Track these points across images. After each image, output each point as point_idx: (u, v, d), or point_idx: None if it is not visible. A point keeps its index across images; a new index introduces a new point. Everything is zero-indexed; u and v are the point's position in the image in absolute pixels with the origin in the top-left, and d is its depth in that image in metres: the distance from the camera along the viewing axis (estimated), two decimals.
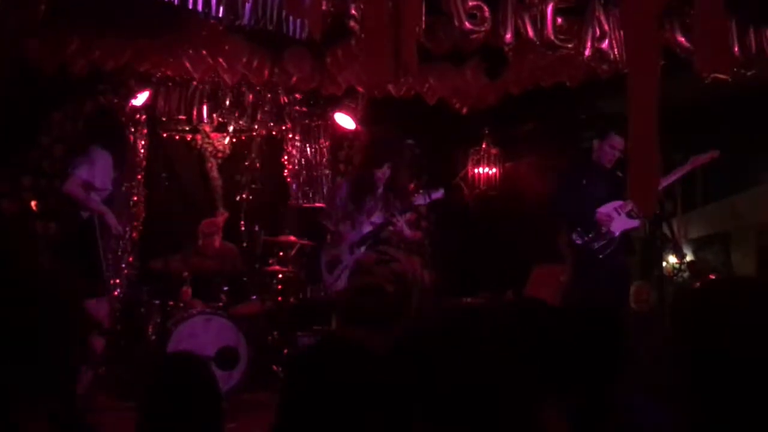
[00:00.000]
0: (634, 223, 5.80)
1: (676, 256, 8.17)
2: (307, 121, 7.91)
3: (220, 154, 7.93)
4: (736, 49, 5.67)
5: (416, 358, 1.85)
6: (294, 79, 7.05)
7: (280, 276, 6.83)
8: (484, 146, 8.35)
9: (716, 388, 1.46)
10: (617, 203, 5.75)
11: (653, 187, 4.55)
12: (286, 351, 6.48)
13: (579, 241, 5.72)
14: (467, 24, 5.21)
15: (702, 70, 5.03)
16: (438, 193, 6.12)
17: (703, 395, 1.48)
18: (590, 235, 5.70)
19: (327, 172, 7.95)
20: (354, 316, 3.30)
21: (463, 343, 1.79)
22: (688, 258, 8.57)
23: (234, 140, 7.95)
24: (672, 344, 1.59)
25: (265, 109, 7.74)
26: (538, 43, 5.48)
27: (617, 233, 5.71)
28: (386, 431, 1.87)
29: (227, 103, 7.59)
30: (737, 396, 1.44)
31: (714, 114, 7.38)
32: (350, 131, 7.85)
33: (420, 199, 6.17)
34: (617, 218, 5.73)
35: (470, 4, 5.20)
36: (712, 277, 7.95)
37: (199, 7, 4.73)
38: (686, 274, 8.31)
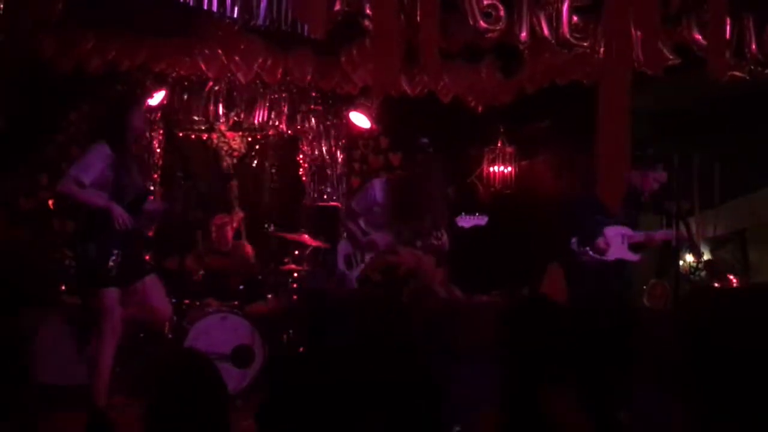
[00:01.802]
0: (634, 257, 5.57)
1: (693, 255, 8.13)
2: (322, 120, 7.92)
3: (235, 153, 7.95)
4: (753, 46, 5.63)
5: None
6: (308, 77, 7.06)
7: (296, 275, 6.84)
8: (499, 145, 8.34)
9: (725, 386, 1.46)
10: (625, 230, 5.53)
11: (620, 186, 4.58)
12: (301, 349, 6.50)
13: (575, 248, 5.55)
14: (482, 23, 5.19)
15: (718, 69, 5.01)
16: (482, 220, 6.03)
17: (713, 392, 1.48)
18: (585, 248, 5.51)
19: (342, 170, 7.95)
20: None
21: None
22: (705, 257, 8.51)
23: (249, 139, 7.97)
24: (684, 342, 1.59)
25: (281, 108, 7.76)
26: (553, 41, 5.46)
27: (611, 259, 5.48)
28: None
29: (243, 102, 7.62)
30: (746, 394, 1.44)
31: (732, 111, 7.31)
32: (365, 130, 7.86)
33: (463, 221, 6.04)
34: (617, 246, 5.51)
35: (485, 2, 5.18)
36: (730, 276, 7.90)
37: (214, 8, 4.75)
38: (703, 273, 8.25)
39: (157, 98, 7.13)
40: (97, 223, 4.89)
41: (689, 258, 8.28)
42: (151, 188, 7.24)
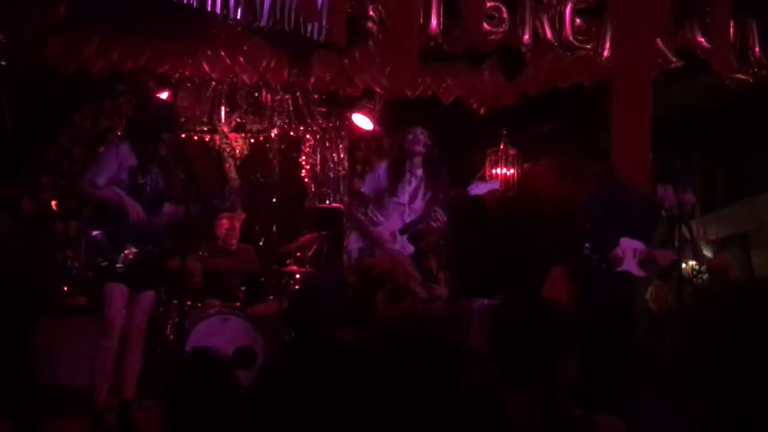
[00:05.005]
0: (640, 272, 5.47)
1: (695, 258, 8.11)
2: (324, 122, 7.91)
3: (238, 155, 7.95)
4: (756, 50, 5.63)
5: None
6: (312, 80, 7.06)
7: (298, 276, 6.85)
8: (501, 147, 8.33)
9: (730, 390, 1.46)
10: (636, 245, 5.39)
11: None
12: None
13: (587, 252, 5.48)
14: (485, 25, 5.20)
15: (722, 72, 5.01)
16: (495, 185, 6.01)
17: (716, 396, 1.48)
18: (596, 256, 5.45)
19: (344, 172, 7.95)
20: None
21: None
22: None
23: (252, 141, 7.97)
24: (688, 344, 1.58)
25: (284, 109, 7.76)
26: (556, 44, 5.46)
27: (617, 270, 5.36)
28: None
29: (245, 103, 7.61)
30: (750, 399, 1.44)
31: (734, 114, 7.31)
32: (368, 132, 7.86)
33: (476, 189, 6.01)
34: (629, 259, 5.39)
35: (488, 5, 5.19)
36: (733, 279, 7.88)
37: (218, 9, 4.75)
38: (705, 276, 8.23)
39: None
40: (109, 213, 4.95)
41: (691, 261, 8.26)
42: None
